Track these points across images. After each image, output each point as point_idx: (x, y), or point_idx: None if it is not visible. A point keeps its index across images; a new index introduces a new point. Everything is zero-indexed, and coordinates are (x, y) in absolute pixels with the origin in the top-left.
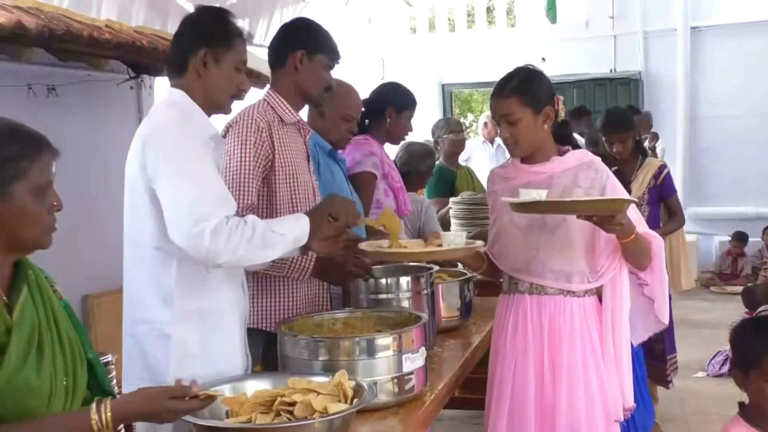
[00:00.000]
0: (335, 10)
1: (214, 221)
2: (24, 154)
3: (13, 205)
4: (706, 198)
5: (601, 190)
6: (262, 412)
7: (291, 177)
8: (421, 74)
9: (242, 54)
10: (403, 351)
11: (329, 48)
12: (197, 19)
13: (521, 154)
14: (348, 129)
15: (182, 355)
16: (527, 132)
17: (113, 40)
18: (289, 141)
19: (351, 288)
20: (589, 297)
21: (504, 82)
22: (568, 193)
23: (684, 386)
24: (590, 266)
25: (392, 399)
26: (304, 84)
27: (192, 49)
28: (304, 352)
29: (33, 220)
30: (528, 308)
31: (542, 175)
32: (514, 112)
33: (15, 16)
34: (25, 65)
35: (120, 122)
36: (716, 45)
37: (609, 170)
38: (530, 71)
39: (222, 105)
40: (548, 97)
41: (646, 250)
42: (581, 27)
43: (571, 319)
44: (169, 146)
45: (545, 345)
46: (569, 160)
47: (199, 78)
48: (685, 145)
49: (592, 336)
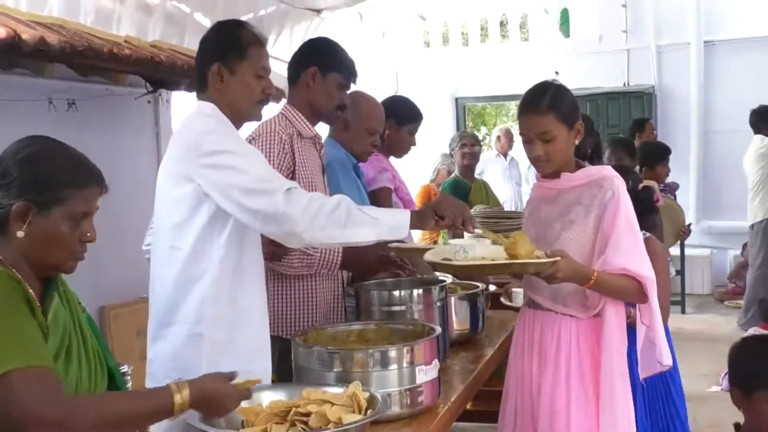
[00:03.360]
0: (350, 24)
1: (287, 185)
2: (71, 183)
3: (49, 227)
4: (720, 212)
5: (601, 208)
6: (277, 422)
7: (309, 189)
8: (435, 88)
9: (260, 61)
10: (416, 363)
11: (344, 67)
12: (209, 36)
13: (551, 171)
14: (372, 142)
15: (214, 354)
16: (562, 149)
17: (132, 55)
18: (307, 154)
19: (363, 300)
20: (588, 319)
21: (536, 98)
22: (567, 211)
23: (698, 400)
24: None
25: (405, 411)
26: (316, 100)
27: (207, 65)
28: (318, 364)
29: (62, 244)
30: (526, 322)
31: (552, 190)
32: (551, 129)
33: (38, 33)
34: (47, 80)
35: (138, 135)
36: (729, 59)
37: (621, 189)
38: (559, 86)
39: (250, 113)
40: (577, 112)
41: (623, 291)
42: (594, 41)
43: (558, 337)
44: (223, 140)
45: (534, 363)
46: (579, 177)
47: (219, 92)
48: (698, 159)
49: (582, 361)
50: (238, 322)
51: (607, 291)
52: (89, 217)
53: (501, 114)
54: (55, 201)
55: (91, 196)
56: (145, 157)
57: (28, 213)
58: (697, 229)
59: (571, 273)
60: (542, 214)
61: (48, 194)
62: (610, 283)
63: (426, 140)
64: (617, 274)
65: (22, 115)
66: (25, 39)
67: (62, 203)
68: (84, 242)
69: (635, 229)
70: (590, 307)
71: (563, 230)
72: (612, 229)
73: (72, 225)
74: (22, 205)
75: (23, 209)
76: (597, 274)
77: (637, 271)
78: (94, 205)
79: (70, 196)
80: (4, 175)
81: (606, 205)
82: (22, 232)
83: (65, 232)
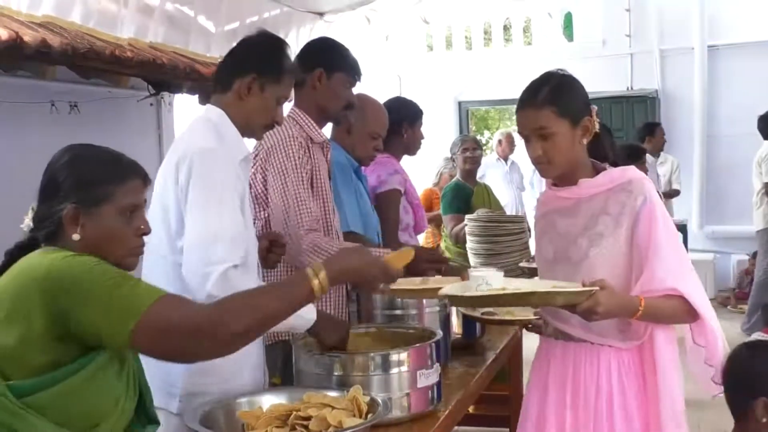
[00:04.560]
0: (353, 28)
1: (224, 266)
2: (111, 178)
3: (101, 225)
4: (724, 216)
5: (632, 217)
6: (278, 426)
7: (322, 194)
8: (438, 92)
9: (287, 90)
10: (418, 367)
11: (348, 66)
12: (255, 44)
13: (554, 174)
14: (374, 147)
15: (192, 370)
16: (564, 148)
17: (135, 58)
18: (318, 159)
19: (365, 304)
20: (629, 350)
21: (534, 90)
22: (593, 223)
23: (701, 406)
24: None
25: (406, 415)
26: (323, 102)
27: (241, 71)
28: (319, 367)
29: (117, 240)
30: (553, 358)
31: (569, 201)
32: (549, 125)
33: (40, 35)
34: (49, 82)
35: (140, 138)
36: (733, 63)
37: (652, 193)
38: (563, 76)
39: (255, 132)
40: (586, 107)
41: (674, 315)
42: (598, 45)
43: (597, 372)
44: (201, 173)
45: (566, 406)
46: (601, 182)
47: (239, 100)
48: (701, 163)
49: (627, 401)
50: None
51: (658, 319)
52: (140, 210)
53: (504, 118)
54: (102, 198)
55: (135, 188)
56: (147, 159)
57: (79, 215)
58: (700, 233)
59: (613, 306)
60: (560, 228)
61: (93, 193)
62: (660, 310)
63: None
64: (664, 295)
65: (24, 117)
66: (26, 41)
67: (108, 199)
68: (139, 236)
69: (676, 238)
70: (634, 334)
71: (591, 246)
72: (650, 242)
73: (123, 220)
74: (71, 208)
75: (73, 212)
76: (645, 303)
77: (687, 290)
78: (140, 197)
79: (114, 191)
80: (50, 185)
81: (638, 214)
82: (77, 234)
83: (118, 227)
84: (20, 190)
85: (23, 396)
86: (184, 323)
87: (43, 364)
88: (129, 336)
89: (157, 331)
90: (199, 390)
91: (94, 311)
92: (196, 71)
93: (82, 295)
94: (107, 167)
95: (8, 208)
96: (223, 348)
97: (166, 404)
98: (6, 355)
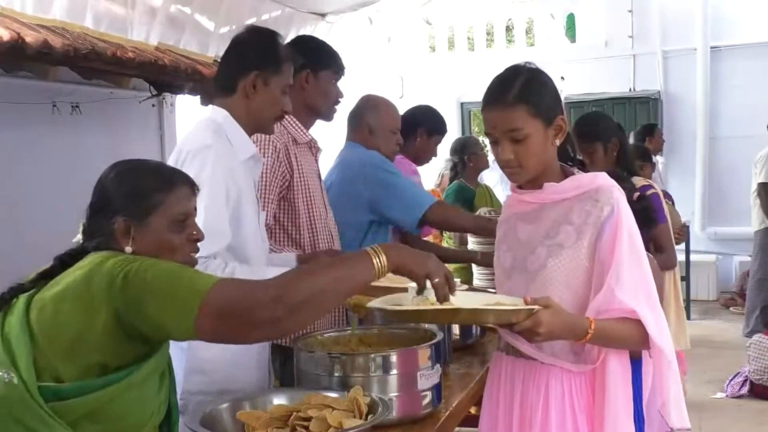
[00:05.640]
0: (356, 29)
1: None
2: (158, 188)
3: (152, 235)
4: (726, 218)
5: (596, 229)
6: (278, 426)
7: (307, 195)
8: (440, 93)
9: (289, 78)
10: (418, 368)
11: (333, 62)
12: (249, 42)
13: (525, 180)
14: (396, 141)
15: (192, 369)
16: (537, 151)
17: (136, 59)
18: (303, 160)
19: None
20: (581, 372)
21: (503, 86)
22: (554, 231)
23: (702, 407)
24: None
25: (407, 416)
26: (313, 101)
27: (242, 71)
28: (319, 368)
29: (170, 249)
30: (503, 372)
31: (531, 205)
32: (522, 126)
33: (42, 36)
34: (51, 83)
35: (141, 138)
36: (736, 64)
37: (621, 203)
38: (533, 71)
39: (266, 126)
40: (557, 104)
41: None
42: (600, 46)
43: (546, 393)
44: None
45: (514, 421)
46: (567, 188)
47: (246, 99)
48: (704, 165)
49: (578, 424)
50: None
51: (609, 343)
52: (190, 218)
53: None
54: (150, 209)
55: (182, 196)
56: None
57: (130, 228)
58: (702, 235)
59: (557, 327)
60: (521, 235)
61: (140, 204)
62: (611, 334)
63: None
64: (619, 318)
65: (26, 118)
66: (28, 42)
67: (157, 209)
68: (192, 241)
69: (642, 256)
70: (587, 356)
71: (549, 257)
72: (611, 257)
73: (174, 228)
74: (121, 222)
75: (124, 226)
76: (594, 326)
77: (644, 314)
78: (188, 204)
79: (161, 200)
80: (99, 201)
81: (603, 225)
82: (130, 247)
83: (170, 236)
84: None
85: (54, 401)
86: (244, 299)
87: (93, 365)
88: (194, 321)
89: (219, 312)
90: (197, 389)
91: (158, 302)
92: (198, 72)
93: (146, 287)
94: (154, 178)
95: (10, 207)
96: (285, 321)
97: None
98: (60, 352)
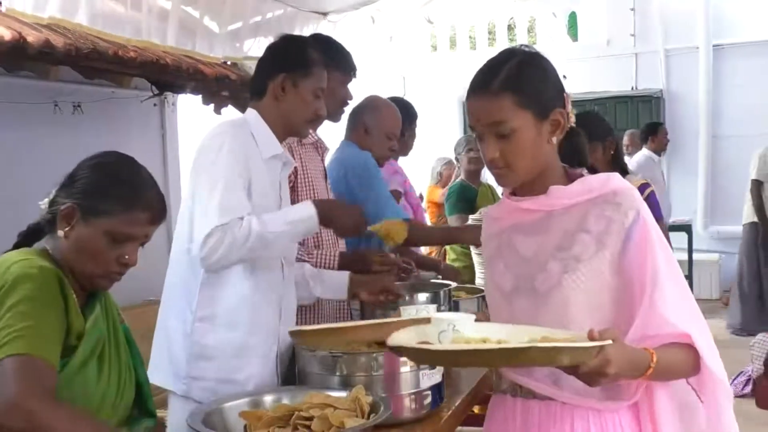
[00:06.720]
0: (358, 28)
1: (208, 229)
2: (119, 199)
3: (86, 234)
4: (728, 216)
5: (620, 238)
6: (280, 426)
7: (312, 195)
8: (442, 92)
9: (321, 81)
10: (421, 367)
11: (343, 63)
12: (279, 47)
13: (515, 183)
14: (390, 147)
15: (197, 356)
16: (527, 149)
17: (138, 58)
18: (308, 160)
19: (368, 305)
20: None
21: (489, 72)
22: (567, 243)
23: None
24: None
25: (409, 415)
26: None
27: (271, 74)
28: (321, 367)
29: (95, 257)
30: (510, 416)
31: (534, 214)
32: (507, 118)
33: (43, 35)
34: (52, 82)
35: (143, 138)
36: (738, 63)
37: (644, 207)
38: (527, 54)
39: (298, 129)
40: (557, 94)
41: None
42: (603, 45)
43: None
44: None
45: None
46: (578, 191)
47: (276, 101)
48: (706, 163)
49: None
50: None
51: (666, 377)
52: (133, 242)
53: None
54: (100, 212)
55: (136, 221)
56: (150, 160)
57: (74, 216)
58: (704, 234)
59: (625, 364)
60: (523, 250)
61: (94, 202)
62: (670, 367)
63: (433, 144)
64: (671, 344)
65: (27, 117)
66: (30, 41)
67: (105, 216)
68: (121, 264)
69: (677, 267)
70: (619, 391)
71: (565, 272)
72: (647, 270)
73: (110, 243)
74: (70, 206)
75: (69, 211)
76: (656, 359)
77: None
78: (139, 231)
79: (114, 213)
80: (71, 176)
81: (630, 233)
82: (62, 232)
83: (100, 246)
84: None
85: None
86: (13, 393)
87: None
88: None
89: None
90: (199, 374)
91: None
92: (200, 71)
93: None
94: (124, 188)
95: (11, 206)
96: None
97: (173, 385)
98: None
